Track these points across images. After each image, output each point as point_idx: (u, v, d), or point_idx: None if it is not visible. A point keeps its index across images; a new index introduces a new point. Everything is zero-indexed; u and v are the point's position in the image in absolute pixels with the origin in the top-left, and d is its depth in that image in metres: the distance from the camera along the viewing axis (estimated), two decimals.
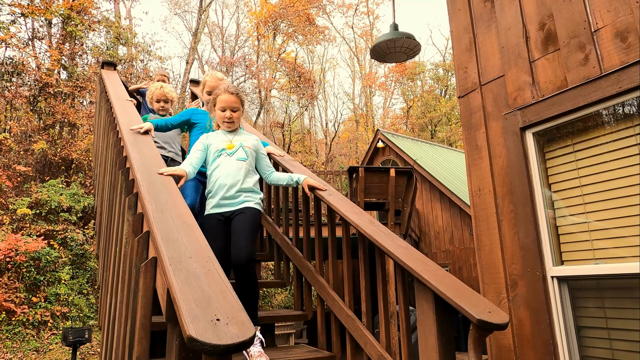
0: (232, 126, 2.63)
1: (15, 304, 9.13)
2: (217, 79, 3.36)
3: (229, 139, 2.62)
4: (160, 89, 3.98)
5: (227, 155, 2.54)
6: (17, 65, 13.48)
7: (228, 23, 47.50)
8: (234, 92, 2.58)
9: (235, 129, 2.68)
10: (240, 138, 2.66)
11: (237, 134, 2.68)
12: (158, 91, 3.96)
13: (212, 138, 2.62)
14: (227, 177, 2.50)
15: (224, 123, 2.61)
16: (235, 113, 2.61)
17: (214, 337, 1.04)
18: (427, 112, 27.27)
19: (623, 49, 2.03)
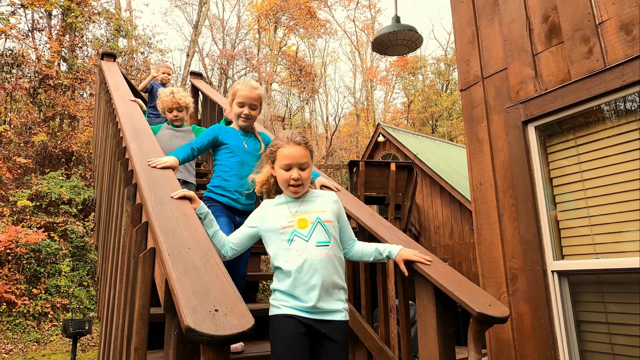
0: (301, 191, 1.78)
1: (15, 296, 9.16)
2: (251, 88, 2.52)
3: (295, 209, 1.77)
4: (171, 96, 3.40)
5: (301, 240, 1.68)
6: (17, 56, 13.43)
7: (229, 15, 47.22)
8: (301, 142, 1.78)
9: None
10: (313, 206, 1.79)
11: (305, 198, 1.82)
12: (169, 99, 3.39)
13: (269, 213, 1.79)
14: (309, 275, 1.65)
15: (289, 188, 1.76)
16: (305, 172, 1.76)
17: (213, 327, 1.03)
18: (428, 106, 27.19)
19: (628, 42, 2.01)
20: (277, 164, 1.78)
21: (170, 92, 3.43)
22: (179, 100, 3.41)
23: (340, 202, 1.90)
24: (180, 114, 3.45)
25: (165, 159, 2.17)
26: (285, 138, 1.78)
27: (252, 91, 2.51)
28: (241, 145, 2.55)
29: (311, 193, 1.86)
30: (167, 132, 3.43)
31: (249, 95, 2.51)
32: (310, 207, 1.79)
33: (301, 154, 1.76)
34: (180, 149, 2.37)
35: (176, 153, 2.32)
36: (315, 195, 1.87)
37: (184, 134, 3.46)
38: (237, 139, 2.57)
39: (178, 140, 3.27)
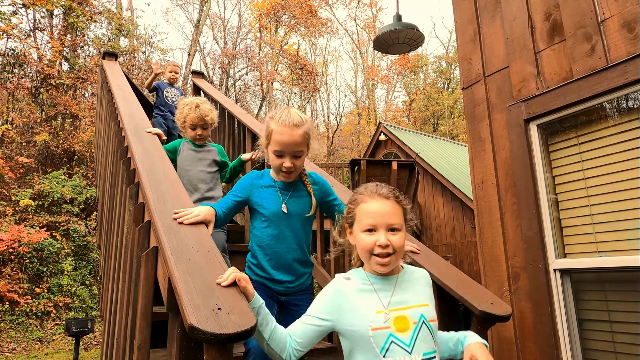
0: (392, 265, 1.27)
1: (18, 295, 9.19)
2: (292, 128, 1.71)
3: (388, 298, 1.26)
4: (196, 110, 2.71)
5: (402, 350, 1.18)
6: (19, 56, 13.45)
7: (230, 15, 47.22)
8: (390, 196, 1.32)
9: None
10: (411, 293, 1.29)
11: (399, 279, 1.32)
12: (193, 114, 2.71)
13: (349, 301, 1.26)
14: None
15: (373, 259, 1.26)
16: (396, 236, 1.26)
17: (216, 326, 1.03)
18: (430, 105, 27.15)
19: (630, 40, 2.00)
20: (358, 226, 1.29)
21: (195, 105, 2.72)
22: (204, 115, 2.73)
23: None
24: (205, 132, 2.79)
25: (198, 211, 1.60)
26: (367, 190, 1.33)
27: (294, 133, 1.68)
28: (279, 210, 1.78)
29: (405, 272, 1.34)
30: (190, 154, 2.80)
31: (290, 140, 1.68)
32: (408, 295, 1.27)
33: (390, 211, 1.27)
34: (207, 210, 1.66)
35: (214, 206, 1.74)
36: (410, 274, 1.34)
37: (209, 155, 2.85)
38: (273, 199, 1.81)
39: (202, 164, 2.79)
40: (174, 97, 5.14)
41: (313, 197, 1.85)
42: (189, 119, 2.72)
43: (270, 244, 1.80)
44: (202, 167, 2.77)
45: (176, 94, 5.19)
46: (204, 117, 2.73)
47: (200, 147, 2.83)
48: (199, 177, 2.74)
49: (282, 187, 1.82)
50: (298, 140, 1.70)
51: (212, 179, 2.81)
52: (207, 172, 2.79)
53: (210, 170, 2.81)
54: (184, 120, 2.74)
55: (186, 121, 2.74)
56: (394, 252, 1.24)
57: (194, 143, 2.82)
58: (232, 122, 4.90)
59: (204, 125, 2.77)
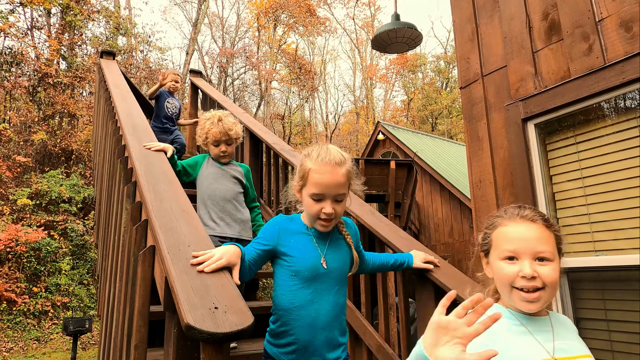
0: (543, 302, 1.08)
1: (16, 294, 9.16)
2: (334, 167, 1.42)
3: (550, 344, 1.04)
4: (218, 125, 2.47)
5: None
6: (16, 55, 13.41)
7: (228, 13, 47.18)
8: (536, 218, 1.12)
9: None
10: (572, 342, 1.11)
11: (553, 322, 1.12)
12: (216, 129, 2.47)
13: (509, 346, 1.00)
14: None
15: (515, 294, 1.06)
16: (547, 268, 1.08)
17: (212, 324, 1.03)
18: (428, 104, 27.18)
19: (627, 39, 2.01)
20: (496, 254, 1.08)
21: (217, 119, 2.48)
22: (228, 130, 2.48)
23: None
24: (230, 149, 2.56)
25: (220, 253, 1.35)
26: (509, 213, 1.13)
27: (336, 172, 1.39)
28: (316, 265, 1.42)
29: (553, 314, 1.13)
30: (214, 170, 2.58)
31: (332, 181, 1.38)
32: (569, 342, 1.06)
33: (539, 236, 1.05)
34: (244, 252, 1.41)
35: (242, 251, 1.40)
36: (558, 317, 1.14)
37: (235, 173, 2.63)
38: (308, 249, 1.45)
39: (226, 182, 2.55)
40: (174, 108, 4.95)
41: (353, 249, 1.52)
42: (212, 134, 2.47)
43: (305, 308, 1.41)
44: (229, 184, 2.51)
45: (176, 105, 4.98)
46: (227, 132, 2.48)
47: (225, 165, 2.60)
48: (225, 195, 2.48)
49: (318, 235, 1.47)
50: (341, 180, 1.39)
51: (238, 197, 2.55)
52: (234, 190, 2.53)
53: (237, 189, 2.56)
54: (206, 135, 2.49)
55: (208, 137, 2.49)
56: (546, 286, 1.01)
57: (218, 161, 2.59)
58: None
59: (228, 141, 2.52)
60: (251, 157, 3.92)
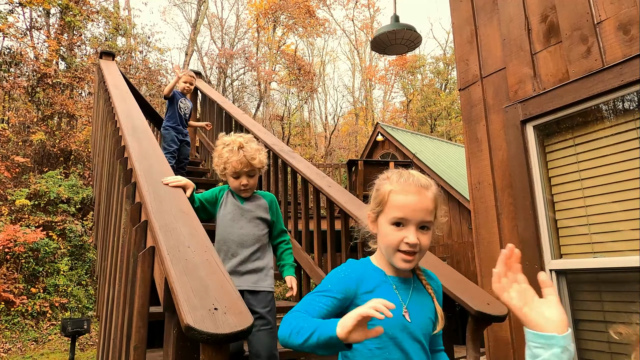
0: None
1: (14, 295, 9.15)
2: (420, 189, 1.18)
3: None
4: (239, 153, 2.01)
5: None
6: (15, 55, 13.40)
7: (227, 14, 47.20)
8: None
9: None
10: None
11: None
12: (236, 158, 2.01)
13: None
14: None
15: None
16: None
17: (212, 326, 1.03)
18: (427, 106, 27.21)
19: (626, 42, 2.02)
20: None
21: (238, 147, 2.02)
22: (251, 159, 2.03)
23: None
24: (252, 182, 2.09)
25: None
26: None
27: (424, 194, 1.16)
28: (399, 320, 1.13)
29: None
30: (232, 210, 2.11)
31: (418, 204, 1.14)
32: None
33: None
34: None
35: None
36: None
37: (257, 209, 2.14)
38: (389, 298, 1.09)
39: (246, 225, 2.08)
40: (187, 109, 4.82)
41: (436, 302, 1.23)
42: (231, 164, 2.02)
43: None
44: (249, 227, 2.08)
45: (188, 106, 4.85)
46: (250, 162, 2.02)
47: (247, 200, 2.13)
48: (242, 240, 2.05)
49: (399, 282, 1.19)
50: (428, 205, 1.14)
51: (259, 241, 2.08)
52: (254, 234, 2.08)
53: (258, 232, 2.09)
54: (224, 166, 2.04)
55: (227, 167, 2.04)
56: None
57: (238, 196, 2.12)
58: (229, 122, 4.90)
59: (251, 172, 2.05)
60: None
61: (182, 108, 4.75)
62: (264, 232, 2.12)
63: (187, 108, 4.82)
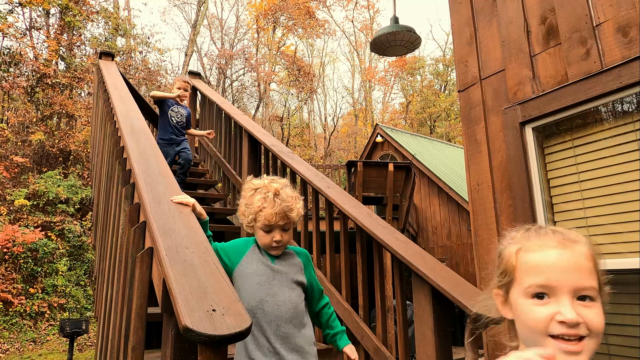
0: None
1: (12, 295, 9.13)
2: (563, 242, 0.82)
3: None
4: (274, 202, 1.61)
5: None
6: (15, 55, 13.39)
7: (227, 15, 47.24)
8: None
9: None
10: None
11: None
12: (270, 209, 1.61)
13: None
14: None
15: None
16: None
17: (210, 327, 1.03)
18: (427, 107, 27.23)
19: (625, 44, 2.02)
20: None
21: (274, 194, 1.61)
22: (288, 210, 1.62)
23: None
24: (286, 237, 1.67)
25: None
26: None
27: (576, 248, 0.81)
28: None
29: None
30: (261, 271, 1.65)
31: (565, 262, 0.77)
32: None
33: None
34: None
35: None
36: None
37: (291, 271, 1.70)
38: None
39: (282, 291, 1.63)
40: (180, 117, 4.55)
41: None
42: (264, 216, 1.60)
43: None
44: (286, 292, 1.63)
45: (183, 113, 4.59)
46: (287, 213, 1.62)
47: (278, 258, 1.70)
48: (280, 313, 1.58)
49: None
50: (583, 265, 0.78)
51: (297, 311, 1.63)
52: (290, 301, 1.62)
53: (297, 299, 1.66)
54: (254, 217, 1.62)
55: (258, 219, 1.62)
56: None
57: (268, 253, 1.69)
58: (229, 123, 4.90)
59: (286, 226, 1.65)
60: (250, 159, 3.92)
61: (174, 116, 4.48)
62: (302, 298, 1.69)
63: (180, 116, 4.53)
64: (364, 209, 2.52)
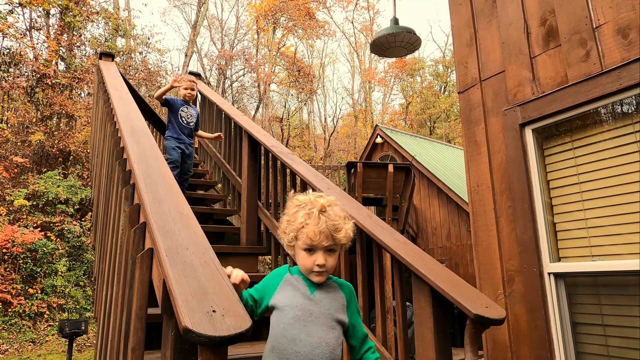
0: None
1: (11, 295, 9.12)
2: None
3: None
4: (320, 219, 1.37)
5: None
6: (15, 55, 13.39)
7: (227, 16, 47.27)
8: None
9: None
10: None
11: None
12: (314, 227, 1.36)
13: None
14: None
15: None
16: None
17: (210, 328, 1.03)
18: (426, 108, 27.24)
19: (624, 46, 2.02)
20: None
21: (319, 210, 1.39)
22: (335, 231, 1.37)
23: None
24: (331, 261, 1.41)
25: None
26: None
27: None
28: None
29: None
30: (299, 304, 1.38)
31: None
32: None
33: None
34: None
35: None
36: None
37: (332, 306, 1.41)
38: None
39: (318, 330, 1.34)
40: (191, 117, 4.48)
41: None
42: (306, 234, 1.37)
43: None
44: (319, 332, 1.35)
45: (193, 114, 4.52)
46: (333, 233, 1.37)
47: (319, 288, 1.42)
48: (308, 353, 1.31)
49: None
50: None
51: (334, 357, 1.35)
52: (327, 344, 1.34)
53: (333, 341, 1.36)
54: (296, 234, 1.39)
55: (299, 237, 1.39)
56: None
57: (307, 279, 1.42)
58: (228, 124, 4.90)
59: (332, 248, 1.39)
60: (250, 160, 3.92)
61: (184, 117, 4.43)
62: (340, 342, 1.41)
63: (190, 116, 4.48)
64: (364, 210, 2.52)
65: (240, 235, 3.79)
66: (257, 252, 3.68)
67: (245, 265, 3.52)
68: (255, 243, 3.76)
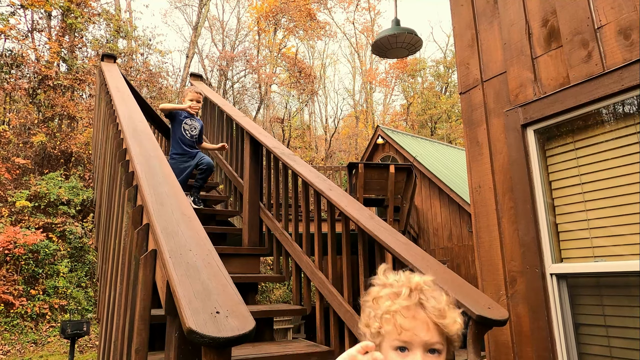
0: None
1: (13, 296, 9.14)
2: None
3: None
4: (412, 301, 0.91)
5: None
6: (17, 57, 13.42)
7: (229, 17, 47.27)
8: None
9: None
10: None
11: None
12: (406, 312, 0.90)
13: None
14: None
15: None
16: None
17: (214, 329, 1.04)
18: (428, 109, 27.23)
19: (626, 47, 2.02)
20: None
21: (412, 289, 0.93)
22: (439, 317, 0.90)
23: None
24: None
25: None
26: None
27: None
28: None
29: None
30: None
31: None
32: None
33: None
34: None
35: None
36: None
37: None
38: None
39: None
40: (194, 130, 4.36)
41: None
42: (393, 323, 0.91)
43: None
44: None
45: (196, 127, 4.40)
46: (435, 320, 0.92)
47: None
48: None
49: None
50: None
51: None
52: None
53: None
54: (380, 323, 0.94)
55: (386, 328, 0.92)
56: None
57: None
58: (230, 125, 4.91)
59: (434, 346, 0.92)
60: (251, 161, 3.93)
61: (187, 129, 4.32)
62: None
63: (194, 129, 4.38)
64: (366, 211, 2.52)
65: (242, 236, 3.79)
66: (259, 253, 3.68)
67: (247, 266, 3.53)
68: (257, 244, 3.77)
